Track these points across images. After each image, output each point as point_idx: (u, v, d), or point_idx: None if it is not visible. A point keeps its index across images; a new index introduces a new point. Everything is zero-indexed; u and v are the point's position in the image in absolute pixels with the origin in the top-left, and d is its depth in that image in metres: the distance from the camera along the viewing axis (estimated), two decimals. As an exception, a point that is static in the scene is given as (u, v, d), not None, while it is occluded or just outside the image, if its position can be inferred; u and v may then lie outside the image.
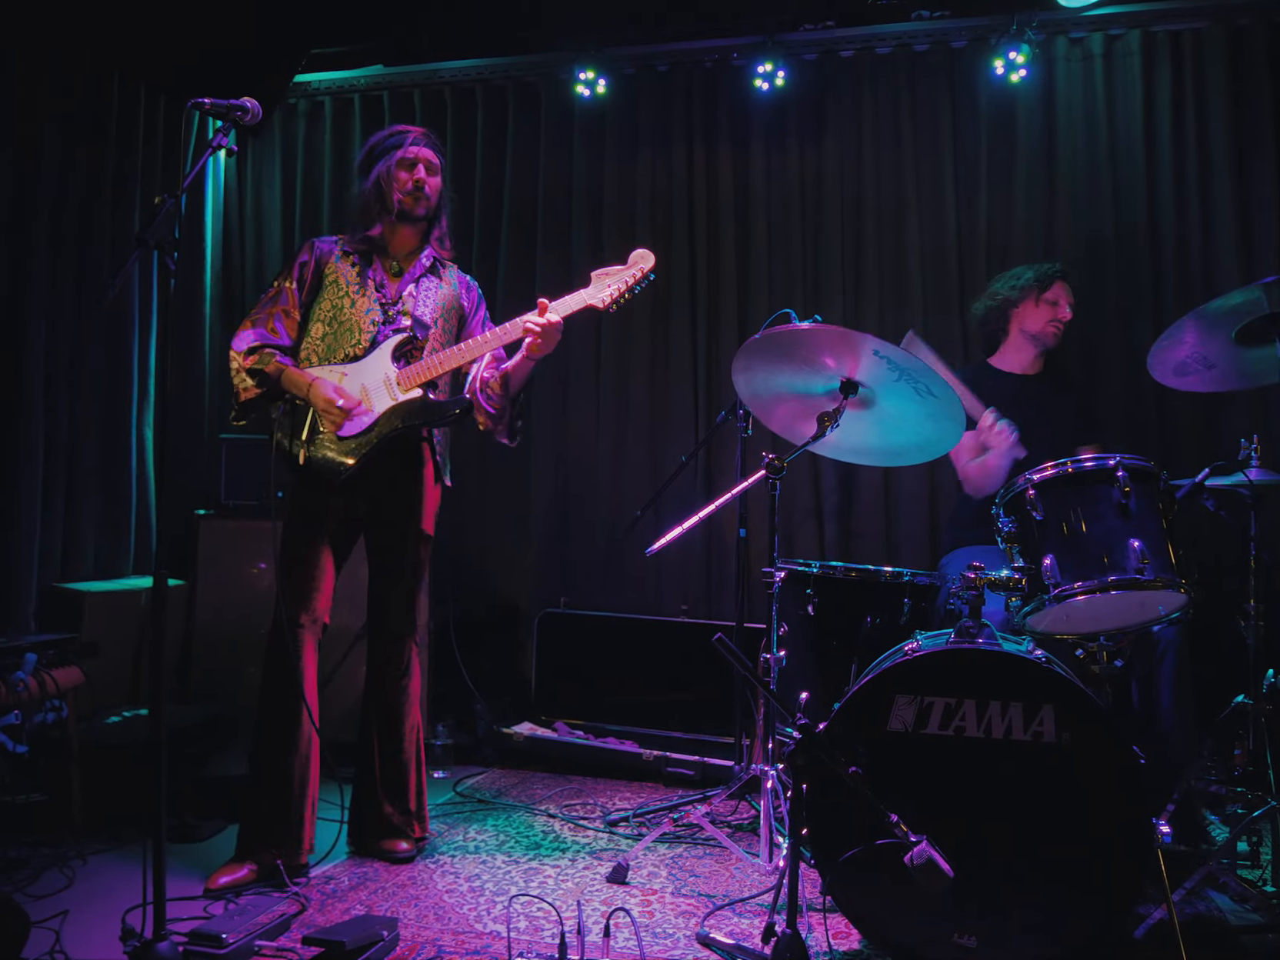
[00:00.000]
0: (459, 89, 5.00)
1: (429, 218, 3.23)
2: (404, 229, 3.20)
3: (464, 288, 3.36)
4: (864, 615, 3.15)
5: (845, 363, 2.84)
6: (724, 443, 4.55)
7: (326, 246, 3.23)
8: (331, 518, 3.10)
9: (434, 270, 3.26)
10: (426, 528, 3.25)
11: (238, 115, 2.51)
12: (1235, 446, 2.88)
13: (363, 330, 3.11)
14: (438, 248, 3.29)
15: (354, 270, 3.18)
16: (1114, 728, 2.30)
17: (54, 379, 4.05)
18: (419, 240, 3.25)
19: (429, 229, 3.26)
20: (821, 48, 4.59)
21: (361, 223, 3.19)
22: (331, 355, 3.11)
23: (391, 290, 3.18)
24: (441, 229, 3.29)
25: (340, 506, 3.11)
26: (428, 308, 3.19)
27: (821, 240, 4.61)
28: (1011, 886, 2.31)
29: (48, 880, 2.90)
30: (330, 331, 3.13)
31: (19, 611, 3.85)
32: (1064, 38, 4.36)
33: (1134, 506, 2.63)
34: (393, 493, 3.18)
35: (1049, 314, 3.69)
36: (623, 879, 2.96)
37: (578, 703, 4.43)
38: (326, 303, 3.15)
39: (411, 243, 3.24)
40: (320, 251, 3.21)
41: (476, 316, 3.36)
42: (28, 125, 3.97)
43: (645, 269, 3.09)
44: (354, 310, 3.13)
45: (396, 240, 3.22)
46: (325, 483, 3.05)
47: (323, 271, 3.18)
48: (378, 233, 3.17)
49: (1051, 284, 3.70)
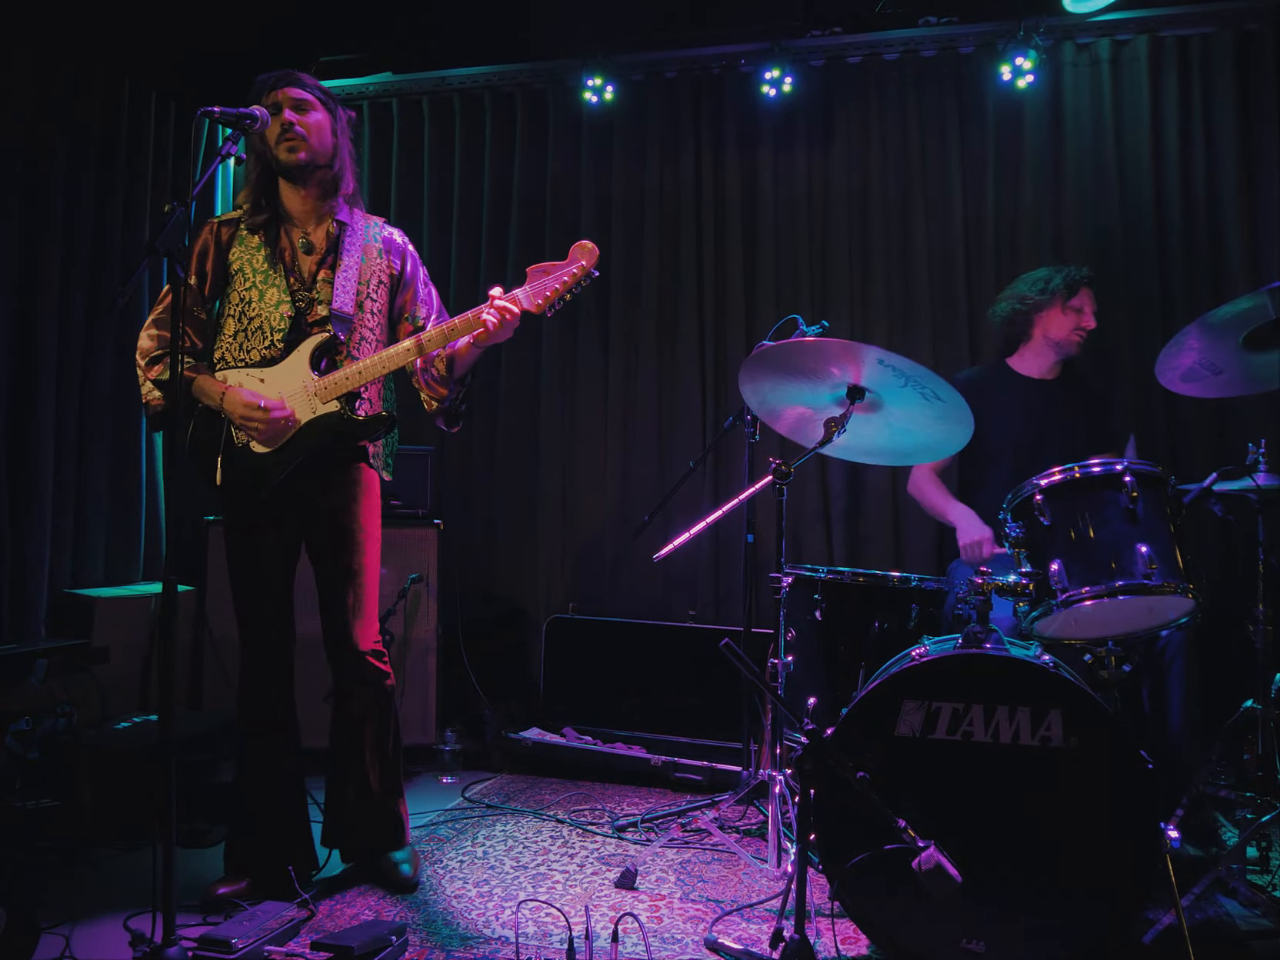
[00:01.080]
0: (467, 96, 5.02)
1: (321, 166, 2.82)
2: (299, 191, 2.83)
3: (389, 250, 2.95)
4: (872, 620, 3.14)
5: (850, 370, 2.85)
6: (732, 448, 4.56)
7: (228, 229, 2.86)
8: (267, 536, 2.83)
9: (349, 237, 2.86)
10: (367, 523, 2.90)
11: (247, 124, 2.52)
12: (1244, 451, 2.87)
13: (274, 329, 2.78)
14: (350, 205, 2.90)
15: (260, 253, 2.81)
16: (1122, 732, 2.29)
17: (65, 385, 4.08)
18: (321, 200, 2.86)
19: (332, 183, 2.86)
20: (829, 54, 4.61)
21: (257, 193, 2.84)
22: (246, 356, 2.79)
23: (305, 270, 2.83)
24: (346, 181, 2.88)
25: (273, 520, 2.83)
26: (347, 293, 2.80)
27: (829, 245, 4.62)
28: (1020, 892, 2.31)
29: (58, 886, 2.91)
30: (241, 329, 2.80)
31: (30, 617, 3.88)
32: (1071, 43, 4.37)
33: (1142, 511, 2.63)
34: (327, 491, 2.85)
35: (1074, 321, 3.64)
36: (631, 884, 2.96)
37: (586, 708, 4.43)
38: (235, 294, 2.81)
39: (312, 204, 2.86)
40: (221, 235, 2.85)
41: (414, 285, 2.98)
42: (40, 131, 4.02)
43: (586, 265, 2.66)
44: (263, 304, 2.79)
45: (295, 205, 2.85)
46: (250, 502, 2.80)
47: (227, 259, 2.83)
48: (276, 200, 2.83)
49: (1078, 290, 3.66)
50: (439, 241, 4.98)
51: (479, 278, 4.96)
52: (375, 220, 2.99)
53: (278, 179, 2.84)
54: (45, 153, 4.02)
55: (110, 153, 4.31)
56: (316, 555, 2.91)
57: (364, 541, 2.89)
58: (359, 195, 2.95)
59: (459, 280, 4.97)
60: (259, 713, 2.87)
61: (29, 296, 3.97)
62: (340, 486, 2.87)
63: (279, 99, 2.77)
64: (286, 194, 2.85)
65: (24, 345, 3.96)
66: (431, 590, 4.23)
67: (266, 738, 2.88)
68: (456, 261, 4.99)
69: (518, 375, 4.92)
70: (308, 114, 2.79)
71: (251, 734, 2.88)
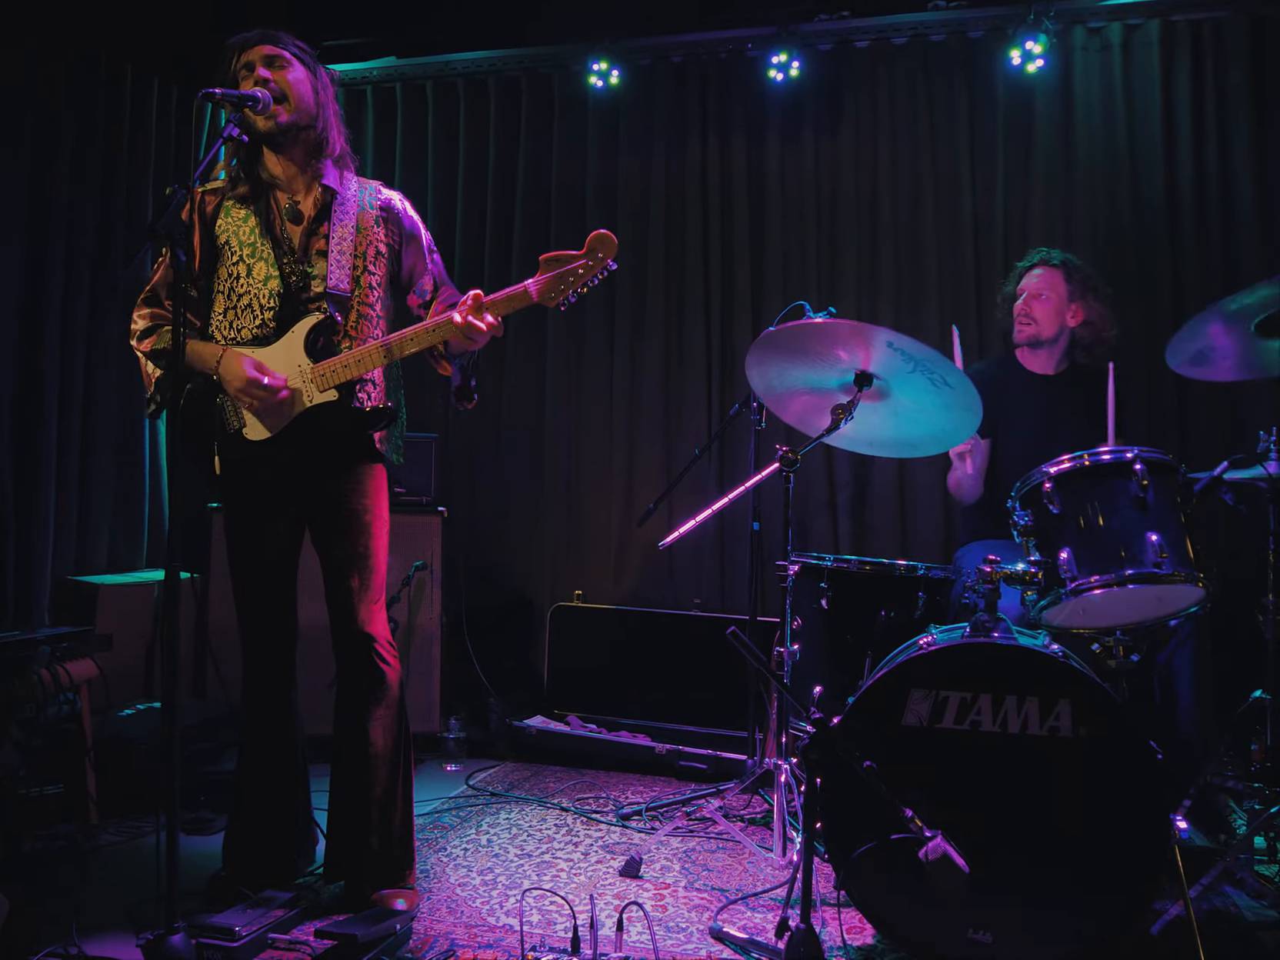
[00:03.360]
0: (472, 80, 4.99)
1: (304, 126, 2.63)
2: (282, 156, 2.65)
3: (388, 217, 2.76)
4: (878, 609, 3.13)
5: (859, 355, 2.82)
6: (738, 435, 4.54)
7: (213, 198, 2.69)
8: (268, 524, 2.74)
9: (340, 205, 2.67)
10: (375, 505, 2.75)
11: (249, 105, 2.50)
12: (1255, 439, 2.85)
13: (264, 307, 2.62)
14: (339, 168, 2.71)
15: (247, 225, 2.64)
16: (1131, 722, 2.28)
17: (69, 372, 4.08)
18: (306, 164, 2.67)
19: (317, 145, 2.67)
20: (837, 38, 4.57)
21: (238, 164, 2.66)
22: (237, 335, 2.64)
23: (295, 241, 2.65)
24: (332, 142, 2.69)
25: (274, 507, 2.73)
26: (343, 268, 2.63)
27: (837, 231, 4.59)
28: (1027, 882, 2.29)
29: (62, 873, 2.90)
30: (231, 305, 2.64)
31: (34, 605, 3.88)
32: (1082, 27, 4.33)
33: (1152, 500, 2.60)
34: (333, 475, 2.71)
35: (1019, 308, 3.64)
36: (635, 873, 2.95)
37: (591, 696, 4.43)
38: (224, 269, 2.65)
39: (296, 169, 2.67)
40: (205, 206, 2.68)
41: (419, 253, 2.81)
42: (45, 117, 4.00)
43: (603, 257, 2.52)
44: (251, 280, 2.62)
45: (279, 172, 2.67)
46: (249, 490, 2.71)
47: (213, 231, 2.67)
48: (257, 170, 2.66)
49: (1021, 276, 3.67)
50: (444, 227, 4.95)
51: (483, 263, 4.95)
52: (371, 184, 2.79)
53: (260, 147, 2.65)
54: (50, 140, 4.01)
55: (114, 139, 4.30)
56: (322, 539, 2.75)
57: (372, 524, 2.73)
58: (349, 157, 2.75)
59: (463, 265, 4.94)
60: (261, 703, 2.83)
61: (34, 284, 3.96)
62: (346, 470, 2.72)
63: (252, 58, 2.58)
64: (269, 161, 2.66)
65: (29, 332, 3.95)
66: (436, 578, 4.22)
67: (268, 727, 2.84)
68: (461, 247, 4.96)
69: (523, 361, 4.90)
70: (284, 71, 2.59)
71: (253, 723, 2.85)
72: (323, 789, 2.90)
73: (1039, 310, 3.59)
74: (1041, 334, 3.60)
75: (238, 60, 2.60)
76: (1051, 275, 3.61)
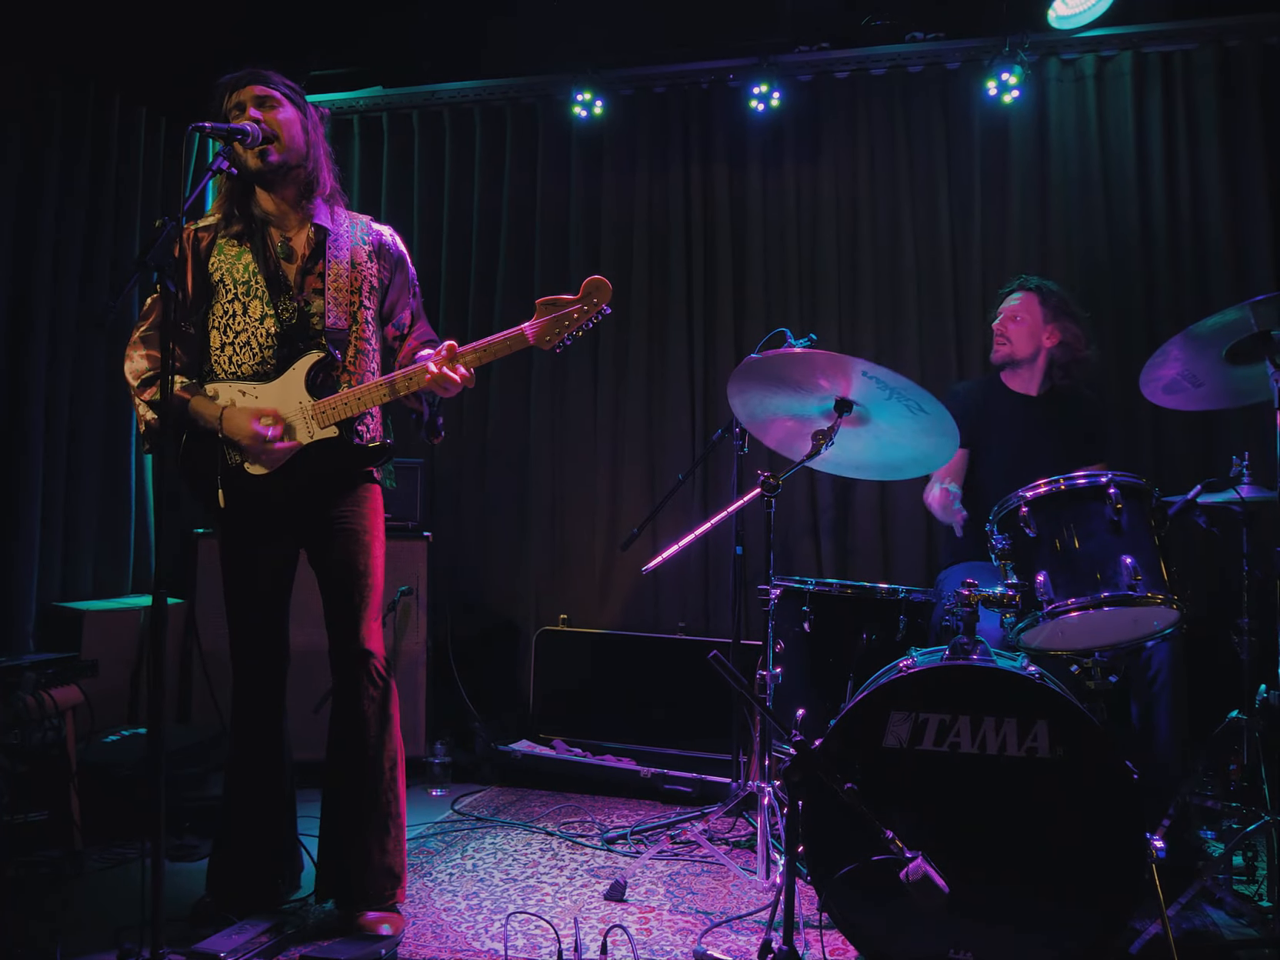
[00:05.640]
0: (458, 110, 5.04)
1: (294, 165, 2.66)
2: (274, 195, 2.69)
3: (380, 253, 2.82)
4: (860, 632, 3.16)
5: (838, 383, 2.87)
6: (721, 461, 4.57)
7: (206, 234, 2.72)
8: (265, 550, 2.77)
9: (333, 242, 2.72)
10: (373, 526, 2.80)
11: (239, 139, 2.53)
12: (1228, 464, 2.90)
13: (263, 345, 2.67)
14: (329, 205, 2.75)
15: (240, 262, 2.69)
16: (1108, 743, 2.31)
17: (54, 398, 4.08)
18: (298, 203, 2.72)
19: (308, 184, 2.71)
20: (817, 69, 4.64)
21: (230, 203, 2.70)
22: (237, 370, 2.68)
23: (290, 278, 2.70)
24: (323, 181, 2.73)
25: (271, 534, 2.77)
26: (340, 305, 2.69)
27: (817, 258, 4.65)
28: (1007, 902, 2.32)
29: (46, 899, 2.90)
30: (228, 342, 2.68)
31: (18, 630, 3.87)
32: (1056, 59, 4.41)
33: (1126, 523, 2.65)
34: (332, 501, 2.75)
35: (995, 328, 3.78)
36: (620, 896, 2.96)
37: (576, 720, 4.43)
38: (219, 306, 2.69)
39: (289, 208, 2.72)
40: (199, 243, 2.72)
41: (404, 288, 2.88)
42: (32, 146, 4.02)
43: (598, 303, 2.62)
44: (247, 318, 2.67)
45: (270, 206, 2.71)
46: (249, 520, 2.73)
47: (206, 268, 2.70)
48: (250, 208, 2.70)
49: (1003, 300, 3.80)
50: (429, 256, 4.98)
51: (468, 292, 4.98)
52: (362, 219, 2.85)
53: (252, 186, 2.70)
54: (36, 168, 4.03)
55: (101, 168, 4.31)
56: (320, 559, 2.78)
57: (371, 543, 2.78)
58: (339, 194, 2.80)
59: (448, 296, 4.98)
60: (250, 728, 2.83)
61: (19, 310, 3.97)
62: (345, 495, 2.77)
63: (243, 98, 2.62)
64: (262, 198, 2.71)
65: (14, 358, 3.95)
66: (421, 602, 4.23)
67: (256, 753, 2.84)
68: (446, 276, 5.00)
69: (508, 387, 4.93)
70: (275, 111, 2.63)
71: (241, 748, 2.85)
72: (310, 814, 2.91)
73: (1013, 331, 3.70)
74: (1016, 353, 3.70)
75: (229, 99, 2.65)
76: (1028, 299, 3.72)
